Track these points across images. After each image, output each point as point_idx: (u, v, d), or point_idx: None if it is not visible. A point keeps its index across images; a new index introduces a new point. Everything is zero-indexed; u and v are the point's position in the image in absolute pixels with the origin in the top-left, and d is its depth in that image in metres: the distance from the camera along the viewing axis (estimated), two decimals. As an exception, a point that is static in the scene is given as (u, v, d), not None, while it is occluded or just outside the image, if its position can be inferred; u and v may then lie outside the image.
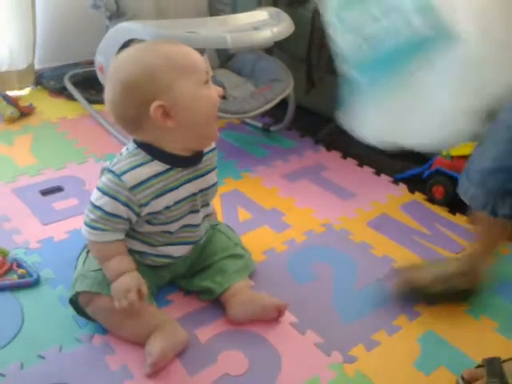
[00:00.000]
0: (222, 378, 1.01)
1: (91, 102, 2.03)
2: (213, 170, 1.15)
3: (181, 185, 1.07)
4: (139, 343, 1.04)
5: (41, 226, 1.38)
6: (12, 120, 1.90)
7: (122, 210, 1.02)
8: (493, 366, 1.00)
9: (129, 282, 1.03)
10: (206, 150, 1.12)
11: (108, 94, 1.02)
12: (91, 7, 1.83)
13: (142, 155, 1.04)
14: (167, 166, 1.04)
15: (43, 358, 1.02)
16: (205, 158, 1.11)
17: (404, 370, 1.06)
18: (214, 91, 1.04)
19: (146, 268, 1.13)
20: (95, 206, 1.02)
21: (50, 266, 1.24)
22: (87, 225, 1.04)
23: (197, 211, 1.12)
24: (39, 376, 0.98)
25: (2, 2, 2.01)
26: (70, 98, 2.10)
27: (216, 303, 1.15)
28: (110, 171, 1.02)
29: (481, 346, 1.12)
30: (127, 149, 1.07)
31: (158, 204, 1.05)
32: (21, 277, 1.19)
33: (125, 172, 1.01)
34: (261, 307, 1.13)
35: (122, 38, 1.64)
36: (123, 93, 0.99)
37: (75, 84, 2.13)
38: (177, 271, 1.19)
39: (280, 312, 1.13)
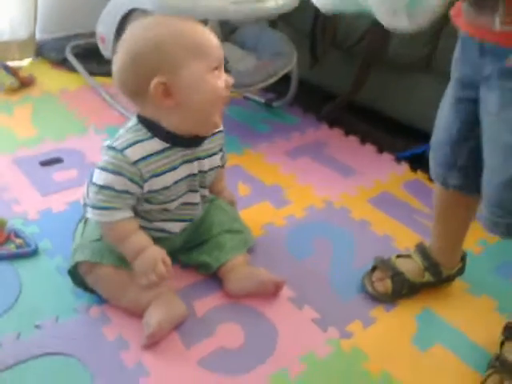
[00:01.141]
0: (219, 350, 1.01)
1: (92, 73, 2.01)
2: (216, 153, 1.13)
3: (180, 164, 1.05)
4: (137, 314, 1.03)
5: (40, 197, 1.37)
6: (12, 90, 1.88)
7: (129, 185, 1.00)
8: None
9: (153, 254, 1.02)
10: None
11: (115, 63, 1.00)
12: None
13: (143, 132, 1.02)
14: (167, 145, 1.03)
15: (40, 327, 1.02)
16: (208, 141, 1.09)
17: (400, 347, 1.06)
18: (222, 81, 1.01)
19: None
20: (102, 186, 1.00)
21: (48, 236, 1.24)
22: (97, 207, 1.01)
23: (195, 191, 1.11)
24: (36, 346, 0.98)
25: (3, -30, 1.98)
26: (71, 69, 2.07)
27: (214, 276, 1.15)
28: (112, 148, 1.00)
29: (478, 324, 1.12)
30: (128, 125, 1.05)
31: (158, 182, 1.03)
32: (18, 247, 1.18)
33: (126, 147, 1.00)
34: (258, 283, 1.12)
35: (123, 8, 1.62)
36: (129, 63, 0.98)
37: (77, 55, 2.10)
38: (173, 245, 1.18)
39: (277, 288, 1.13)
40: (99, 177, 1.00)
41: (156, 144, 1.02)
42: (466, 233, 1.15)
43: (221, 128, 1.14)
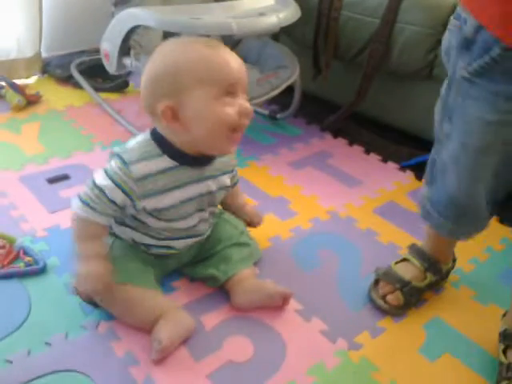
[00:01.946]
0: (228, 364, 1.01)
1: (98, 89, 2.03)
2: (227, 173, 1.14)
3: (187, 184, 1.06)
4: (145, 330, 1.04)
5: (47, 214, 1.38)
6: (19, 108, 1.90)
7: (120, 198, 1.01)
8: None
9: (93, 268, 1.00)
10: None
11: (141, 80, 1.03)
12: (97, -6, 1.82)
13: (153, 148, 1.03)
14: (175, 163, 1.04)
15: (50, 344, 1.02)
16: (218, 160, 1.10)
17: (409, 357, 1.06)
18: (234, 107, 0.98)
19: (151, 257, 1.14)
20: (96, 186, 1.01)
21: (56, 253, 1.24)
22: (80, 199, 1.02)
23: (202, 210, 1.12)
24: (46, 362, 0.99)
25: (8, -10, 2.01)
26: (77, 86, 2.10)
27: (221, 290, 1.16)
28: (120, 157, 1.02)
29: (487, 333, 1.11)
30: (139, 139, 1.06)
31: (163, 200, 1.04)
32: (27, 265, 1.19)
33: (134, 162, 1.01)
34: (266, 295, 1.13)
35: (127, 25, 1.64)
36: (148, 83, 1.00)
37: (82, 72, 2.12)
38: (181, 261, 1.19)
39: (285, 300, 1.13)
40: (99, 177, 1.02)
41: (164, 162, 1.03)
42: None
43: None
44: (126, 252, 1.11)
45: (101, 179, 1.01)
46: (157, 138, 1.03)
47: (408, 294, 1.15)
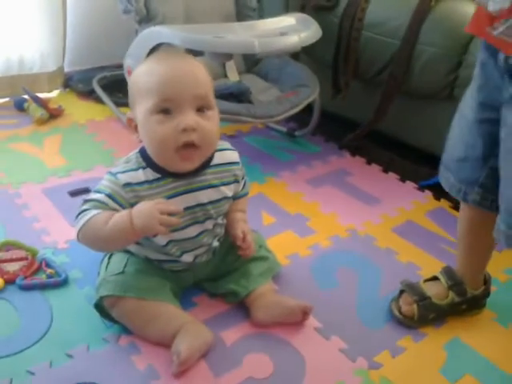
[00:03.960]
0: (247, 380, 1.01)
1: (119, 104, 2.06)
2: (228, 184, 1.13)
3: (173, 196, 1.05)
4: (164, 344, 1.04)
5: (69, 227, 1.39)
6: (41, 122, 1.93)
7: (112, 205, 1.02)
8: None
9: (146, 208, 0.98)
10: (213, 162, 1.10)
11: None
12: (122, 12, 1.85)
13: (139, 161, 1.06)
14: (158, 175, 1.05)
15: (71, 356, 1.03)
16: (210, 171, 1.09)
17: (429, 377, 1.05)
18: (169, 126, 0.98)
19: (168, 272, 1.15)
20: (86, 201, 1.04)
21: (77, 266, 1.26)
22: (76, 217, 1.03)
23: (201, 222, 1.11)
24: (67, 374, 1.00)
25: (33, 5, 2.05)
26: (98, 100, 2.13)
27: (241, 306, 1.16)
28: (109, 172, 1.06)
29: (507, 354, 1.11)
30: (129, 154, 1.10)
31: None
32: (49, 276, 1.21)
33: (120, 173, 1.05)
34: (286, 309, 1.13)
35: (151, 42, 1.66)
36: None
37: (103, 87, 2.16)
38: (199, 275, 1.20)
39: (305, 314, 1.13)
40: (90, 195, 1.05)
41: (148, 173, 1.05)
42: (490, 253, 1.16)
43: (233, 160, 1.15)
44: (140, 267, 1.12)
45: (90, 196, 1.04)
46: (141, 151, 1.07)
47: (424, 307, 1.15)
